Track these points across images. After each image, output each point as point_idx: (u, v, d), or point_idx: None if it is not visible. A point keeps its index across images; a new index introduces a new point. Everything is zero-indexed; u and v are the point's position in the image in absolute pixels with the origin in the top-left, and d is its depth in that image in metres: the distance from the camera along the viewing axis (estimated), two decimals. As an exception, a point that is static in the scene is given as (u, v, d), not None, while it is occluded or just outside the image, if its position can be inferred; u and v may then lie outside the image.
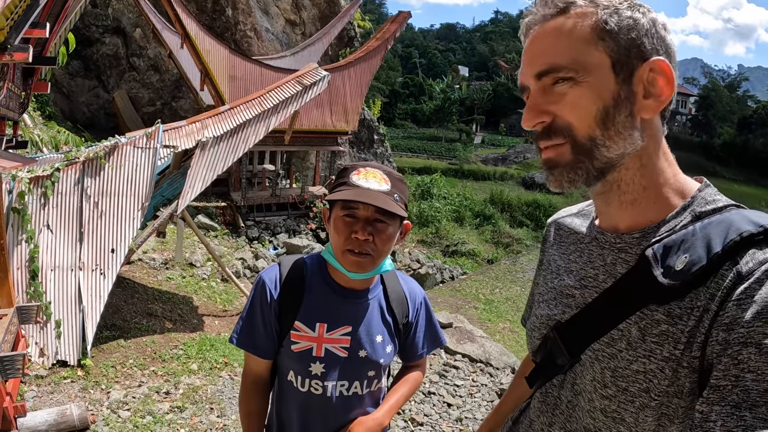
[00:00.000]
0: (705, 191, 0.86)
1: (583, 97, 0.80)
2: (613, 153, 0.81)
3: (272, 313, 1.49)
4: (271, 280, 1.51)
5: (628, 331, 0.80)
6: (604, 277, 0.90)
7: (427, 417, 4.18)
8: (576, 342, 0.90)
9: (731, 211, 0.80)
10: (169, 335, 6.02)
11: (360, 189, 1.37)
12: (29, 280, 4.80)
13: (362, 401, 1.58)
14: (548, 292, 1.03)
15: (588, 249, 0.97)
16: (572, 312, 0.93)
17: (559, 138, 0.82)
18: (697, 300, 0.74)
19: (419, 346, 1.70)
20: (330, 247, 1.48)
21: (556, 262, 1.06)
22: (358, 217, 1.38)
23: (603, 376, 0.83)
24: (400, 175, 1.49)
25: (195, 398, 4.38)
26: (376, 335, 1.54)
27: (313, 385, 1.49)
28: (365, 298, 1.54)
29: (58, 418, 3.64)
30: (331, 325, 1.49)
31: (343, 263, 1.42)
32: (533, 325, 1.04)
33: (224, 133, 6.03)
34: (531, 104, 0.84)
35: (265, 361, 1.56)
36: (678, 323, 0.75)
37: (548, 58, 0.81)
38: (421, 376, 1.80)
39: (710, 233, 0.77)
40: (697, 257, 0.75)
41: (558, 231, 1.12)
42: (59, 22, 4.15)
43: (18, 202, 4.82)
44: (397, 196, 1.40)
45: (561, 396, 0.95)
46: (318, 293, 1.51)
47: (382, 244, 1.40)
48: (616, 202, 0.87)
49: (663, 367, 0.75)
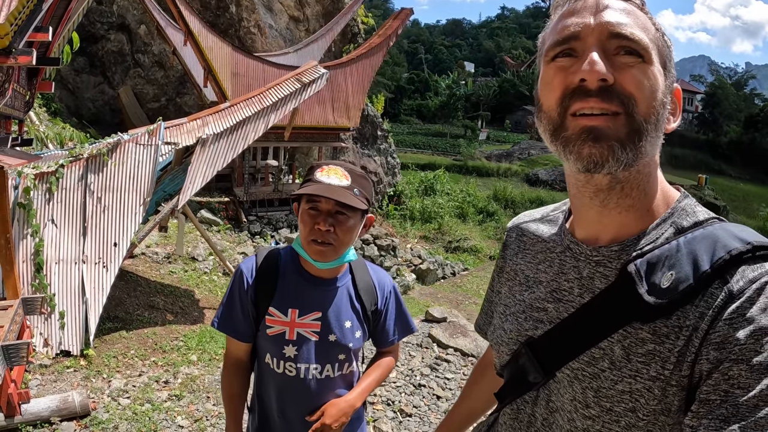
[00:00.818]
0: (684, 202, 0.84)
1: (650, 78, 0.75)
2: (649, 147, 0.77)
3: (249, 299, 1.63)
4: (248, 269, 1.66)
5: (610, 350, 0.78)
6: (580, 291, 0.86)
7: (416, 408, 4.32)
8: (551, 360, 0.86)
9: (714, 224, 0.79)
10: (170, 327, 6.18)
11: (322, 184, 1.51)
12: (34, 273, 4.97)
13: (335, 384, 1.70)
14: (516, 304, 0.98)
15: (560, 259, 0.93)
16: (545, 327, 0.89)
17: (617, 104, 0.73)
18: (685, 319, 0.72)
19: (390, 333, 1.82)
20: (299, 238, 1.61)
21: (523, 272, 1.01)
22: (321, 210, 1.52)
23: (585, 396, 0.80)
24: (362, 172, 1.63)
25: (193, 387, 4.54)
26: (345, 321, 1.66)
27: (287, 366, 1.63)
28: (334, 286, 1.67)
29: (60, 404, 3.80)
30: (302, 311, 1.62)
31: (308, 252, 1.56)
32: (500, 340, 1.00)
33: (224, 130, 6.16)
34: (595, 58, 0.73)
35: (244, 345, 1.70)
36: (665, 342, 0.73)
37: (632, 28, 0.75)
38: (393, 362, 1.92)
39: (696, 249, 0.75)
40: (683, 275, 0.73)
41: (521, 237, 1.07)
42: (62, 24, 4.29)
43: (23, 198, 4.98)
44: (356, 191, 1.54)
45: (535, 413, 0.92)
46: (290, 281, 1.64)
47: (343, 235, 1.53)
48: (614, 203, 0.81)
49: (651, 387, 0.73)
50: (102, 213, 5.47)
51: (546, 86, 0.80)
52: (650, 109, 0.74)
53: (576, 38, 0.77)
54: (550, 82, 0.79)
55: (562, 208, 1.04)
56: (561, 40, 0.78)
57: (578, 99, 0.74)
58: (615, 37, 0.74)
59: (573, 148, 0.75)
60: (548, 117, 0.79)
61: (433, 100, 55.14)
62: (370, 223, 1.69)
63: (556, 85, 0.77)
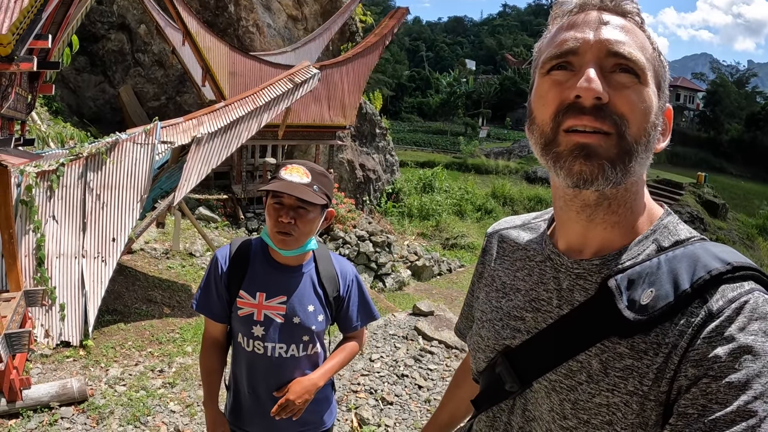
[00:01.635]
0: (666, 219, 0.85)
1: (644, 100, 0.75)
2: (638, 167, 0.78)
3: (223, 283, 1.84)
4: (223, 256, 1.88)
5: (588, 363, 0.79)
6: (558, 302, 0.87)
7: (398, 397, 4.53)
8: (528, 370, 0.88)
9: (695, 244, 0.80)
10: (167, 320, 6.40)
11: (285, 182, 1.72)
12: (36, 267, 5.19)
13: (300, 363, 1.91)
14: (493, 311, 0.99)
15: (539, 269, 0.94)
16: (523, 337, 0.90)
17: (609, 124, 0.74)
18: (664, 336, 0.73)
19: (353, 319, 2.02)
20: (266, 229, 1.82)
21: (501, 278, 1.02)
22: (284, 204, 1.73)
23: (562, 407, 0.81)
24: (322, 170, 1.84)
25: (186, 376, 4.76)
26: (308, 305, 1.87)
27: (256, 345, 1.84)
28: (298, 273, 1.88)
29: (59, 390, 4.02)
30: (269, 294, 1.83)
31: (273, 241, 1.77)
32: (477, 346, 1.01)
33: (218, 129, 6.37)
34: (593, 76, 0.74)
35: (220, 325, 1.92)
36: (643, 358, 0.74)
37: (630, 47, 0.76)
38: (357, 347, 2.12)
39: (676, 268, 0.76)
40: (663, 293, 0.74)
41: (501, 244, 1.07)
42: (62, 29, 4.50)
43: (26, 195, 5.21)
44: (316, 188, 1.75)
45: (511, 422, 0.93)
46: (259, 268, 1.86)
47: (303, 227, 1.75)
48: (600, 219, 0.82)
49: (628, 401, 0.74)
50: (101, 209, 5.69)
51: (540, 99, 0.81)
52: (641, 131, 0.75)
53: (574, 53, 0.77)
54: (544, 96, 0.80)
55: (544, 216, 1.05)
56: (559, 54, 0.78)
57: (572, 115, 0.75)
58: (613, 56, 0.75)
59: (564, 163, 0.76)
60: (541, 131, 0.80)
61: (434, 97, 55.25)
62: (331, 216, 1.90)
63: (551, 100, 0.78)
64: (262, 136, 12.16)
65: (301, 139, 14.32)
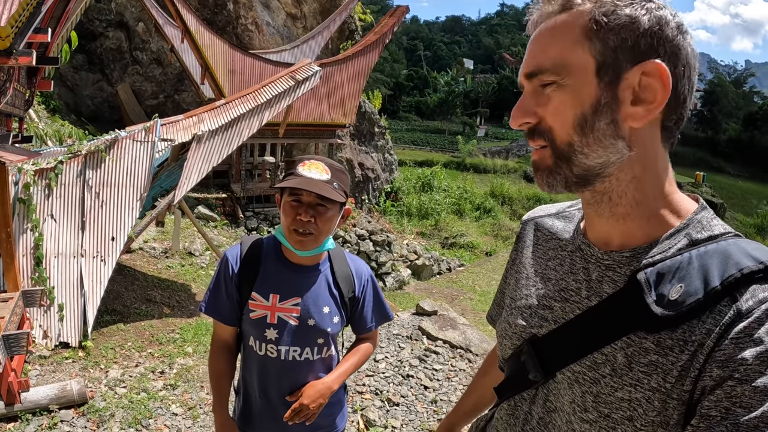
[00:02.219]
0: (701, 214, 0.82)
1: (563, 101, 0.77)
2: (593, 161, 0.77)
3: (233, 284, 1.76)
4: (233, 256, 1.79)
5: (613, 357, 0.78)
6: (587, 293, 0.86)
7: (404, 398, 4.46)
8: (553, 360, 0.87)
9: (728, 240, 0.77)
10: (167, 320, 6.32)
11: (304, 178, 1.63)
12: (34, 266, 5.10)
13: (313, 366, 1.83)
14: (522, 298, 0.99)
15: (570, 258, 0.93)
16: (550, 326, 0.90)
17: (541, 140, 0.80)
18: (691, 333, 0.71)
19: (368, 320, 1.94)
20: (281, 227, 1.74)
21: (533, 266, 1.02)
22: (302, 201, 1.64)
23: (584, 400, 0.80)
24: (341, 167, 1.76)
25: (187, 377, 4.68)
26: (323, 306, 1.78)
27: (269, 348, 1.76)
28: (313, 273, 1.80)
29: (59, 393, 3.94)
30: (283, 296, 1.74)
31: (290, 241, 1.69)
32: (505, 333, 1.00)
33: (219, 127, 6.29)
34: (519, 104, 0.82)
35: (230, 328, 1.83)
36: (669, 355, 0.72)
37: (536, 60, 0.79)
38: (371, 348, 2.05)
39: (707, 264, 0.74)
40: (693, 289, 0.73)
41: (537, 232, 1.07)
42: (61, 24, 4.42)
43: (24, 193, 5.11)
44: (336, 185, 1.66)
45: (532, 411, 0.92)
46: (272, 268, 1.77)
47: (323, 225, 1.66)
48: (608, 213, 0.83)
49: (650, 398, 0.73)
50: (100, 208, 5.61)
51: None
52: (569, 132, 0.77)
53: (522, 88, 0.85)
54: None
55: (579, 205, 1.03)
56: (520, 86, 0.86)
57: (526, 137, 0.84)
58: (532, 77, 0.80)
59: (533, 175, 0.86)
60: None
61: (431, 96, 55.26)
62: (347, 214, 1.82)
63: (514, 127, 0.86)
64: (261, 135, 12.06)
65: (301, 138, 14.24)
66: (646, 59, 0.74)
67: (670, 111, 0.77)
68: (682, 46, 0.75)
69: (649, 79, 0.74)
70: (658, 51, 0.74)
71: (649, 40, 0.74)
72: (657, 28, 0.74)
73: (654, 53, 0.74)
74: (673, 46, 0.75)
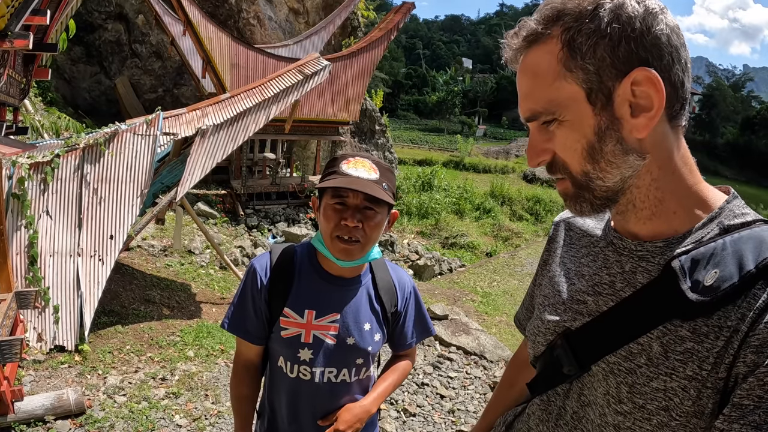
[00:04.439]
0: (733, 203, 0.82)
1: (567, 136, 0.78)
2: (610, 182, 0.78)
3: (262, 299, 1.52)
4: (261, 267, 1.55)
5: (648, 346, 0.77)
6: (621, 285, 0.85)
7: (420, 408, 4.24)
8: (587, 352, 0.86)
9: (761, 226, 0.77)
10: (167, 322, 6.07)
11: (350, 177, 1.40)
12: (28, 266, 4.84)
13: (350, 388, 1.61)
14: (555, 295, 0.98)
15: (603, 253, 0.92)
16: (584, 320, 0.88)
17: (559, 173, 0.82)
18: (726, 319, 0.70)
19: (408, 336, 1.72)
20: (320, 234, 1.50)
21: (566, 265, 1.01)
22: (348, 204, 1.41)
23: (618, 391, 0.79)
24: (388, 165, 1.53)
25: (191, 384, 4.43)
26: (364, 323, 1.56)
27: (302, 371, 1.53)
28: (354, 286, 1.57)
29: (55, 402, 3.69)
30: (319, 312, 1.52)
31: (332, 250, 1.45)
32: (537, 330, 0.99)
33: (224, 121, 6.04)
34: (530, 144, 0.83)
35: (256, 347, 1.60)
36: (704, 342, 0.71)
37: (529, 104, 0.80)
38: (410, 366, 1.83)
39: (742, 249, 0.73)
40: (728, 273, 0.72)
41: (569, 231, 1.07)
42: (60, 9, 4.15)
43: (18, 188, 4.84)
44: (385, 185, 1.44)
45: (566, 406, 0.91)
46: (307, 280, 1.54)
47: (371, 231, 1.44)
48: (633, 219, 0.83)
49: (686, 386, 0.72)
50: (98, 205, 5.34)
51: None
52: (581, 163, 0.78)
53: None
54: None
55: None
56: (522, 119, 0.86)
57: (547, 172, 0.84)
58: (531, 120, 0.81)
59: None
60: None
61: (430, 95, 55.05)
62: (395, 218, 1.59)
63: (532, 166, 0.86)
64: (262, 131, 11.73)
65: (303, 134, 13.99)
66: (630, 69, 0.72)
67: (671, 102, 0.75)
68: (659, 33, 0.72)
69: (641, 87, 0.73)
70: (639, 53, 0.72)
71: (626, 46, 0.72)
72: (629, 30, 0.71)
73: (636, 58, 0.72)
74: (651, 39, 0.72)
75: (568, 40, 0.74)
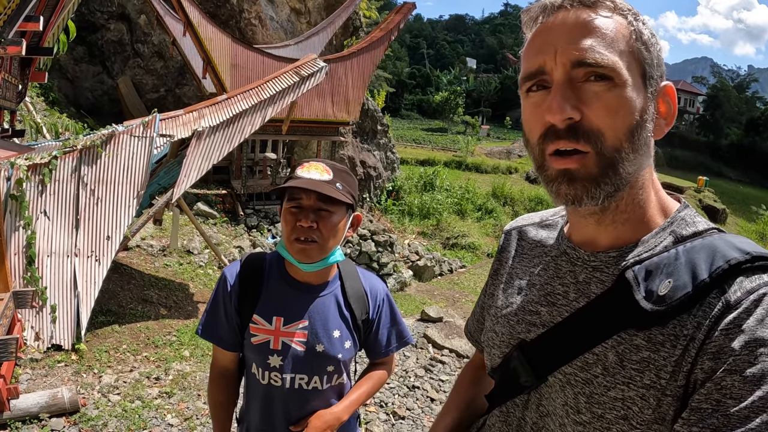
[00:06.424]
0: (684, 212, 0.83)
1: (621, 104, 0.73)
2: (631, 169, 0.76)
3: (232, 306, 1.56)
4: (231, 274, 1.59)
5: (604, 356, 0.76)
6: (575, 295, 0.84)
7: (410, 411, 4.27)
8: (543, 363, 0.85)
9: (713, 235, 0.78)
10: (164, 321, 6.13)
11: (302, 179, 1.45)
12: (26, 266, 4.90)
13: (323, 395, 1.63)
14: (508, 307, 0.97)
15: (555, 263, 0.92)
16: (538, 331, 0.88)
17: (586, 144, 0.73)
18: (682, 328, 0.71)
19: (383, 344, 1.74)
20: (282, 242, 1.54)
21: (518, 275, 1.00)
22: (303, 206, 1.46)
23: (576, 401, 0.79)
24: (345, 168, 1.57)
25: (184, 384, 4.49)
26: (334, 330, 1.59)
27: (273, 377, 1.56)
28: (322, 293, 1.60)
29: (50, 400, 3.75)
30: (287, 319, 1.55)
31: (291, 252, 1.49)
32: (492, 342, 0.98)
33: (220, 123, 6.09)
34: (562, 93, 0.73)
35: (231, 354, 1.63)
36: (660, 350, 0.72)
37: (592, 51, 0.73)
38: (386, 375, 1.85)
39: (695, 259, 0.74)
40: (681, 283, 0.72)
41: (520, 241, 1.05)
42: (56, 13, 4.21)
43: (16, 189, 4.90)
44: (339, 185, 1.48)
45: (525, 417, 0.90)
46: (275, 287, 1.58)
47: (327, 232, 1.47)
48: (610, 220, 0.81)
49: (644, 395, 0.72)
50: (95, 205, 5.41)
51: (527, 123, 0.81)
52: (620, 137, 0.74)
53: (543, 72, 0.76)
54: (528, 120, 0.80)
55: (562, 212, 1.02)
56: (529, 75, 0.78)
57: (552, 140, 0.75)
58: (580, 65, 0.73)
59: (552, 187, 0.78)
60: (533, 153, 0.81)
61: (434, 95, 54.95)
62: (358, 222, 1.63)
63: (534, 125, 0.78)
64: (262, 131, 11.84)
65: (303, 135, 14.03)
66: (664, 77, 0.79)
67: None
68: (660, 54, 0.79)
69: (667, 97, 0.79)
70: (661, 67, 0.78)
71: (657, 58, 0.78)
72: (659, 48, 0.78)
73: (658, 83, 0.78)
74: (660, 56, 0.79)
75: (640, 23, 0.77)
